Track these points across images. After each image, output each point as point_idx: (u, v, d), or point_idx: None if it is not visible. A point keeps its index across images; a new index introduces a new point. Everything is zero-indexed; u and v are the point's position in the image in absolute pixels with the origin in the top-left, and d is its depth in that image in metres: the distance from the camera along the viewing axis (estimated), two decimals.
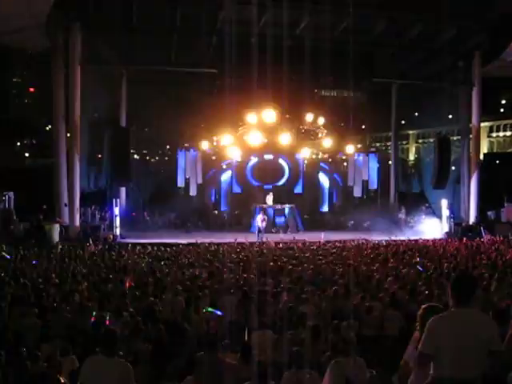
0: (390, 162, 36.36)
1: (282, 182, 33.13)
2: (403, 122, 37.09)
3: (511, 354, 5.59)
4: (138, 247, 21.17)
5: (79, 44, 24.89)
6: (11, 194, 25.08)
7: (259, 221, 26.63)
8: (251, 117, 29.79)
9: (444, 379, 4.44)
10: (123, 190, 30.41)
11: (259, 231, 26.23)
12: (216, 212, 33.29)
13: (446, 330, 4.46)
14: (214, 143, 32.76)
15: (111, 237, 25.04)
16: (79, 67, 24.93)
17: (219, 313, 11.67)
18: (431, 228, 29.03)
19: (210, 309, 11.48)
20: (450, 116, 31.74)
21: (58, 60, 25.04)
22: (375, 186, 33.23)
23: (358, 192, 33.66)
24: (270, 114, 29.49)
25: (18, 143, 77.21)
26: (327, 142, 31.62)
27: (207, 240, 23.07)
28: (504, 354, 4.85)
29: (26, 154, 71.51)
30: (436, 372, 4.51)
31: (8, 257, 17.39)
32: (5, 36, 23.95)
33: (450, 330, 4.45)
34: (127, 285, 12.33)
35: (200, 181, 31.89)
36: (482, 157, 33.32)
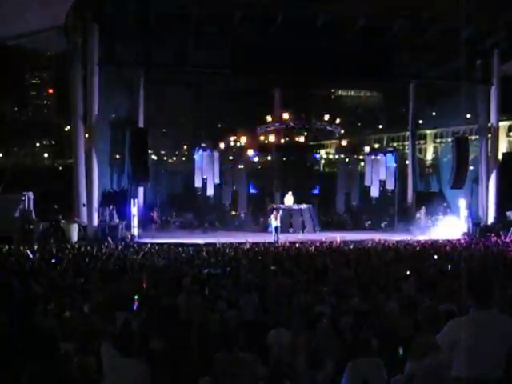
0: (408, 162, 36.11)
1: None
2: (421, 121, 36.74)
3: None
4: (155, 247, 21.25)
5: (97, 45, 25.07)
6: (30, 194, 25.28)
7: (273, 219, 26.36)
8: (268, 116, 29.81)
9: (461, 379, 4.41)
10: (141, 190, 30.53)
11: (276, 230, 26.04)
12: (233, 212, 33.28)
13: (465, 331, 4.44)
14: (232, 143, 32.80)
15: (129, 236, 25.18)
16: (97, 68, 25.11)
17: None
18: (449, 228, 28.77)
19: None
20: (468, 115, 31.38)
21: (75, 61, 25.21)
22: (392, 186, 33.01)
23: (375, 192, 33.51)
24: (286, 114, 29.46)
25: (37, 144, 78.12)
26: (344, 142, 31.51)
27: (224, 240, 23.09)
28: None
29: (45, 155, 72.32)
30: (454, 373, 4.48)
31: (30, 255, 17.59)
32: (23, 38, 24.18)
33: (469, 332, 4.42)
34: (144, 285, 12.37)
35: (217, 181, 31.89)
36: (500, 156, 32.92)
